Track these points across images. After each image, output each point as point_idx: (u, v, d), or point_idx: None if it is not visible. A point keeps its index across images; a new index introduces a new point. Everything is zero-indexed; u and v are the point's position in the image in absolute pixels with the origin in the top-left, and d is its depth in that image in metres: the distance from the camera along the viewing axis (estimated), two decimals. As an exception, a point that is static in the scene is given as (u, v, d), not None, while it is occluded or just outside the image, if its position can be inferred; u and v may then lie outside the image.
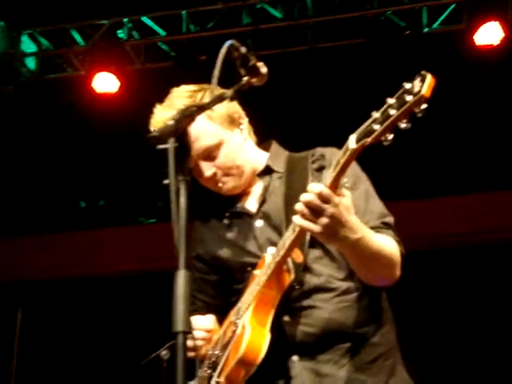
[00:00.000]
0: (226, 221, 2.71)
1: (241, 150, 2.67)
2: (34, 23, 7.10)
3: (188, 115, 2.01)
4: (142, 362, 2.85)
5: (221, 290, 2.69)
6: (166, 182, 1.92)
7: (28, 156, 8.20)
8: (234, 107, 2.67)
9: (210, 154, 2.60)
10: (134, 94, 6.86)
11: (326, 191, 2.10)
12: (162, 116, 2.60)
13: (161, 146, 1.93)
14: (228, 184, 2.65)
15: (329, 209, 2.11)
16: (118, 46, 6.85)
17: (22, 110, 7.94)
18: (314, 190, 2.12)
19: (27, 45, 7.10)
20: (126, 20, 6.96)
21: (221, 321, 2.68)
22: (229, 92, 2.21)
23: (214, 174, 2.63)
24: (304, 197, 2.14)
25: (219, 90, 2.28)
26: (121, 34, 7.00)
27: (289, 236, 2.31)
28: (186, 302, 1.80)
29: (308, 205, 2.12)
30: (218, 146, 2.60)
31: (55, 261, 8.03)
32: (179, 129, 1.96)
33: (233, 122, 2.66)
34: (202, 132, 2.57)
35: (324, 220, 2.12)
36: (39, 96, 7.75)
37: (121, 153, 7.97)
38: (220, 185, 2.65)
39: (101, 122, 7.34)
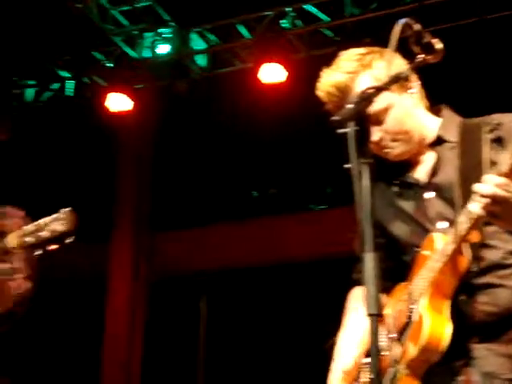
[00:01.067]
0: (395, 189, 2.65)
1: (410, 114, 2.57)
2: (202, 20, 7.33)
3: (366, 98, 2.00)
4: (326, 345, 2.87)
5: (387, 254, 2.62)
6: (347, 165, 1.92)
7: (204, 148, 8.50)
8: (404, 70, 2.57)
9: (377, 118, 2.51)
10: (300, 83, 6.91)
11: (504, 182, 2.05)
12: (328, 79, 2.56)
13: (341, 130, 1.93)
14: (395, 150, 2.57)
15: (510, 199, 2.05)
16: (282, 36, 6.93)
17: (194, 106, 8.25)
18: (492, 181, 2.08)
19: (197, 42, 7.33)
20: (289, 9, 7.02)
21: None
22: (406, 71, 2.17)
23: (381, 139, 2.54)
24: (483, 188, 2.09)
25: (391, 55, 2.23)
26: (284, 23, 7.07)
27: (465, 222, 2.25)
28: (377, 284, 1.79)
29: (489, 196, 2.08)
30: (385, 110, 2.51)
31: (234, 250, 8.28)
32: (359, 112, 1.95)
33: (402, 85, 2.58)
34: None
35: (504, 210, 2.07)
36: (210, 91, 8.02)
37: (289, 141, 8.07)
38: (387, 150, 2.57)
39: (269, 112, 7.46)
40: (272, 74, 6.92)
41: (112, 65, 7.69)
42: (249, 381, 7.90)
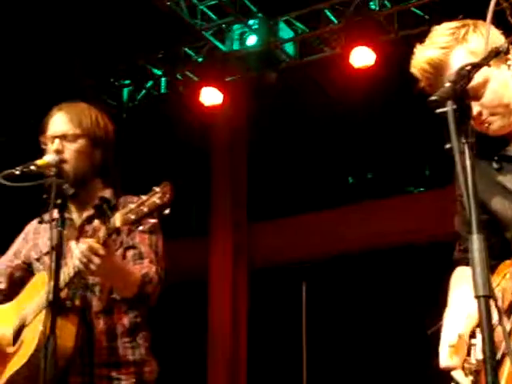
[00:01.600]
0: (495, 164, 2.57)
1: (508, 87, 2.48)
2: (288, 9, 7.31)
3: (465, 75, 1.94)
4: (429, 331, 2.81)
5: (490, 232, 2.53)
6: (447, 146, 1.87)
7: (297, 137, 8.52)
8: (500, 41, 2.48)
9: (475, 93, 2.42)
10: (391, 64, 6.81)
11: None
12: (422, 56, 2.51)
13: (440, 110, 1.88)
14: (494, 124, 2.49)
15: None
16: (371, 19, 6.83)
17: (285, 94, 8.26)
18: None
19: (284, 31, 7.32)
20: (377, -10, 6.92)
21: None
22: (504, 44, 2.10)
23: (480, 114, 2.49)
24: None
25: (487, 28, 2.16)
26: (372, 5, 6.96)
27: None
28: (485, 266, 1.75)
29: None
30: (483, 84, 2.42)
31: (333, 237, 8.25)
32: (457, 90, 1.90)
33: (500, 57, 2.49)
34: None
35: None
36: (300, 79, 8.01)
37: (384, 124, 7.97)
38: (486, 125, 2.50)
39: (361, 96, 7.39)
40: (362, 57, 6.84)
41: (203, 59, 7.79)
42: (352, 368, 7.88)
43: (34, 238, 2.97)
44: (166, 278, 2.79)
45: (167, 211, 2.37)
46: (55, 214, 2.53)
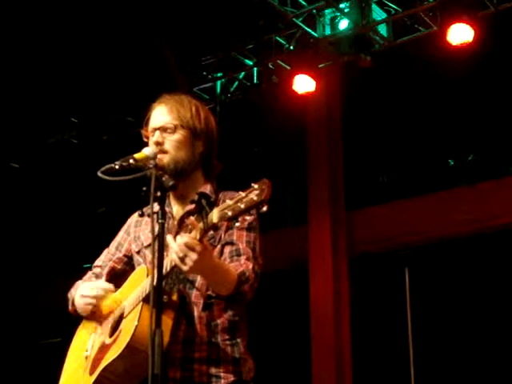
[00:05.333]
0: None
1: None
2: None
3: None
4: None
5: None
6: None
7: (392, 121, 8.36)
8: None
9: None
10: (491, 40, 6.57)
11: None
12: None
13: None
14: None
15: None
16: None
17: (379, 77, 8.11)
18: None
19: (377, 12, 7.16)
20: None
21: None
22: None
23: None
24: None
25: None
26: (469, -20, 6.71)
27: None
28: None
29: None
30: None
31: (433, 221, 8.04)
32: None
33: None
34: None
35: None
36: (394, 61, 7.84)
37: (485, 103, 7.70)
38: None
39: (460, 74, 7.18)
40: (460, 34, 6.61)
41: (294, 47, 7.71)
42: (461, 356, 7.66)
43: (135, 230, 2.97)
44: (266, 269, 2.75)
45: (265, 208, 2.33)
46: (156, 206, 2.52)
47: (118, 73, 8.24)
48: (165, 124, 2.82)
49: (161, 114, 2.85)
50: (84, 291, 2.87)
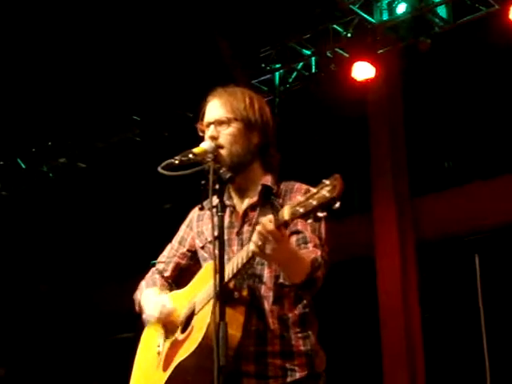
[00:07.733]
0: None
1: None
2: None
3: None
4: None
5: None
6: None
7: (454, 105, 8.21)
8: None
9: None
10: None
11: None
12: None
13: None
14: None
15: None
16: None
17: (438, 60, 7.97)
18: None
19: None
20: None
21: None
22: None
23: None
24: None
25: None
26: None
27: None
28: None
29: None
30: None
31: (503, 205, 7.84)
32: None
33: None
34: None
35: None
36: (454, 44, 7.68)
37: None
38: None
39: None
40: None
41: (352, 34, 7.63)
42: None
43: (198, 225, 2.98)
44: (332, 258, 2.73)
45: (337, 205, 2.29)
46: (215, 200, 2.52)
47: (176, 69, 8.30)
48: (219, 118, 2.81)
49: (214, 108, 2.84)
50: (147, 308, 2.87)
